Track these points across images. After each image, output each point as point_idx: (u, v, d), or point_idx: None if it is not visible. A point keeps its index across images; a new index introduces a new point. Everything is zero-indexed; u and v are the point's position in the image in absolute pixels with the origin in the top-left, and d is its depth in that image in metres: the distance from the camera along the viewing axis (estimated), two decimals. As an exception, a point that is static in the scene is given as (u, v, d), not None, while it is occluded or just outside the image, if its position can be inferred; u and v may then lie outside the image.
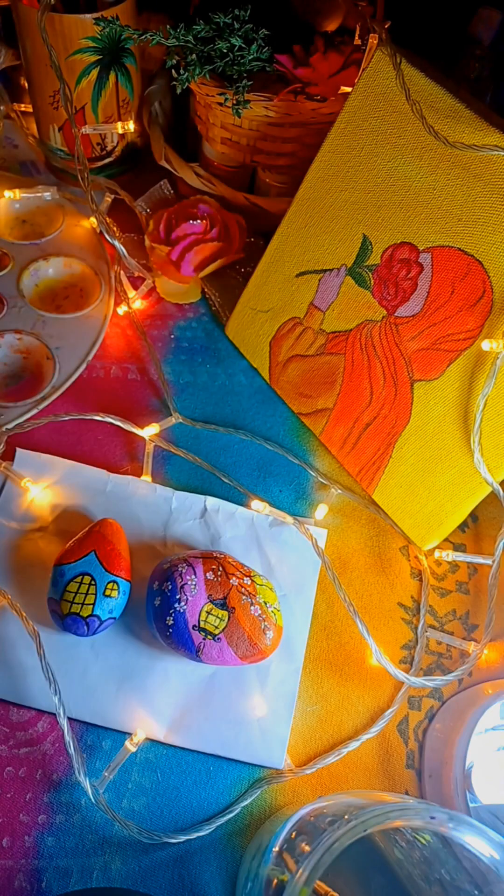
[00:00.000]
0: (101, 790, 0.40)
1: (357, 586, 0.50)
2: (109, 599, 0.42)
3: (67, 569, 0.42)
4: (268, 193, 0.64)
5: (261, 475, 0.54)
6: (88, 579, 0.41)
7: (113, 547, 0.44)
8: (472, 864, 0.33)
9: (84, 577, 0.42)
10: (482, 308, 0.44)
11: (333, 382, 0.53)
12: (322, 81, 0.57)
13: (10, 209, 0.65)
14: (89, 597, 0.41)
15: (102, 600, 0.41)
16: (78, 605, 0.41)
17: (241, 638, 0.41)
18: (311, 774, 0.43)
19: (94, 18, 0.54)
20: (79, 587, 0.41)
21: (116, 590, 0.42)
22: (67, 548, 0.44)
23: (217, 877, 0.40)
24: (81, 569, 0.42)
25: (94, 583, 0.41)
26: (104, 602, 0.41)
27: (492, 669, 0.48)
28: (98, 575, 0.42)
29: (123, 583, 0.43)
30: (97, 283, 0.61)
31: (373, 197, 0.47)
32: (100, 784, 0.40)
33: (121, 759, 0.41)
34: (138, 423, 0.54)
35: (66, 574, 0.42)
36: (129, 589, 0.44)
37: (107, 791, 0.41)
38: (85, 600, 0.41)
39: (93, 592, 0.41)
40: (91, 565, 0.42)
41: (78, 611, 0.41)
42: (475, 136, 0.41)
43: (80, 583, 0.41)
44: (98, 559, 0.42)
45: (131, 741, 0.41)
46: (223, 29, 0.53)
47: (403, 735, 0.46)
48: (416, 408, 0.49)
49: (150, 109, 0.66)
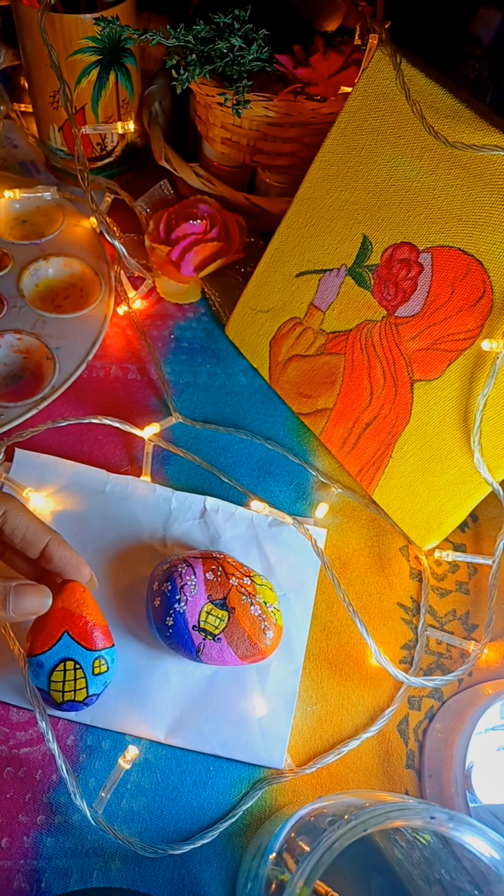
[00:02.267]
0: (99, 811, 0.39)
1: (357, 586, 0.50)
2: (100, 676, 0.39)
3: (45, 658, 0.39)
4: (268, 193, 0.64)
5: (261, 475, 0.54)
6: (72, 664, 0.38)
7: (84, 621, 0.39)
8: (472, 864, 0.33)
9: (66, 663, 0.38)
10: (482, 308, 0.44)
11: (333, 382, 0.53)
12: (322, 81, 0.57)
13: (10, 209, 0.65)
14: (79, 681, 0.38)
15: (93, 679, 0.39)
16: (70, 692, 0.38)
17: (241, 638, 0.41)
18: (311, 774, 0.43)
19: (94, 18, 0.54)
20: (64, 675, 0.38)
21: (105, 663, 0.39)
22: (35, 633, 0.39)
23: (217, 877, 0.40)
24: (60, 655, 0.38)
25: (79, 666, 0.39)
26: (96, 680, 0.39)
27: (492, 669, 0.48)
28: (80, 656, 0.39)
29: (109, 652, 0.40)
30: (97, 283, 0.61)
31: (373, 197, 0.47)
32: (98, 805, 0.40)
33: (116, 777, 0.41)
34: (138, 423, 0.54)
35: (45, 664, 0.38)
36: (116, 652, 0.41)
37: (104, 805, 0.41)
38: (76, 686, 0.38)
39: (81, 676, 0.38)
40: (69, 648, 0.39)
41: (72, 698, 0.38)
42: (475, 136, 0.41)
43: (64, 670, 0.38)
44: (74, 639, 0.39)
45: (124, 758, 0.41)
46: (223, 29, 0.53)
47: (403, 735, 0.46)
48: (416, 408, 0.49)
49: (150, 109, 0.66)
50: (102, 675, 0.39)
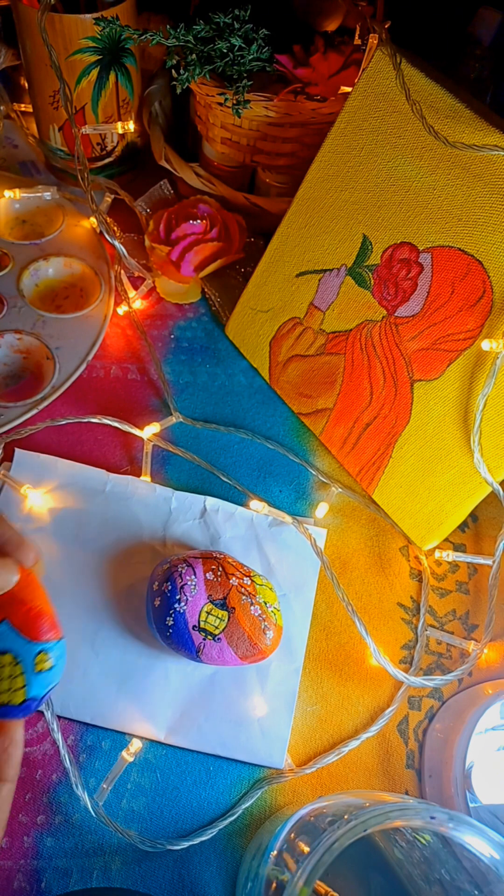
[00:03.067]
0: (100, 803, 0.40)
1: (357, 586, 0.50)
2: (42, 674, 0.31)
3: None
4: (268, 193, 0.64)
5: (261, 475, 0.54)
6: (10, 659, 0.31)
7: (28, 607, 0.32)
8: (472, 864, 0.33)
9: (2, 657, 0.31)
10: (482, 308, 0.44)
11: (333, 382, 0.53)
12: (322, 81, 0.57)
13: (10, 209, 0.65)
14: (17, 680, 0.31)
15: (35, 678, 0.31)
16: (6, 692, 0.31)
17: (241, 638, 0.41)
18: (311, 774, 0.43)
19: (94, 18, 0.54)
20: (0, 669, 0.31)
21: (49, 659, 0.31)
22: None
23: (217, 877, 0.40)
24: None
25: (17, 661, 0.31)
26: (38, 679, 0.31)
27: (492, 669, 0.48)
28: (20, 649, 0.31)
29: (55, 645, 0.32)
30: (97, 283, 0.61)
31: (373, 197, 0.47)
32: (99, 797, 0.40)
33: (118, 770, 0.41)
34: (138, 422, 0.54)
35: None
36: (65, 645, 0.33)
37: (106, 797, 0.41)
38: (13, 685, 0.31)
39: (20, 673, 0.31)
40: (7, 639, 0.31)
41: (7, 700, 0.31)
42: (475, 136, 0.41)
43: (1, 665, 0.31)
44: (14, 628, 0.32)
45: (128, 751, 0.41)
46: (223, 29, 0.53)
47: (403, 735, 0.46)
48: (416, 408, 0.49)
49: (150, 109, 0.66)
50: (45, 672, 0.31)
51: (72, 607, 0.46)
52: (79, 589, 0.46)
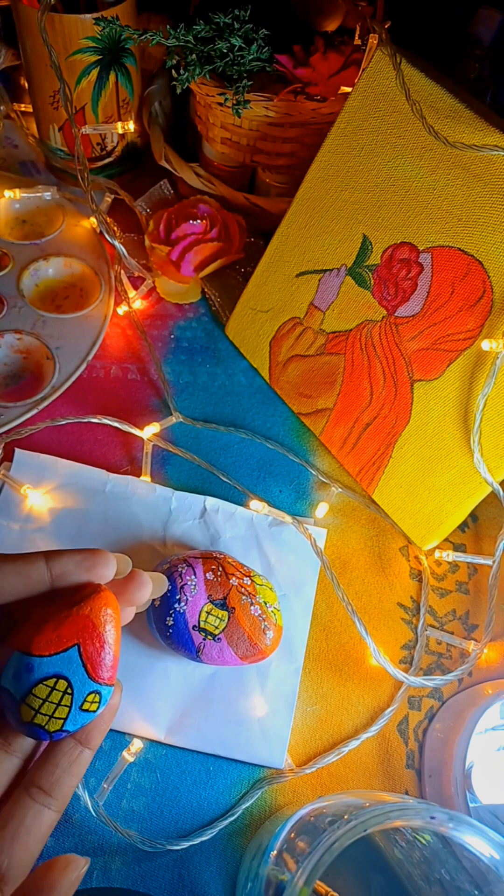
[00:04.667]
0: (100, 802, 0.40)
1: (357, 586, 0.50)
2: (85, 714, 0.29)
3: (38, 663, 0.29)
4: (268, 193, 0.64)
5: (261, 475, 0.54)
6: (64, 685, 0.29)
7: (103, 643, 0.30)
8: (472, 864, 0.33)
9: (59, 682, 0.29)
10: (482, 308, 0.44)
11: (333, 382, 0.53)
12: (322, 81, 0.57)
13: (10, 209, 0.65)
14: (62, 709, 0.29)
15: (78, 715, 0.29)
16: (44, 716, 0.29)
17: (241, 638, 0.41)
18: (311, 774, 0.43)
19: (94, 18, 0.54)
20: (49, 694, 0.29)
21: (97, 703, 0.30)
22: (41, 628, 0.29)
23: (217, 877, 0.40)
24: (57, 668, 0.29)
25: (70, 692, 0.29)
26: (79, 716, 0.29)
27: (492, 669, 0.48)
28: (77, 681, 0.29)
29: (107, 690, 0.30)
30: (97, 283, 0.61)
31: (373, 197, 0.47)
32: (99, 796, 0.40)
33: (119, 770, 0.41)
34: (138, 422, 0.54)
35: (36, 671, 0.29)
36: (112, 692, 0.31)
37: (106, 796, 0.41)
38: (55, 713, 0.29)
39: (67, 704, 0.29)
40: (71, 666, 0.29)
41: (43, 723, 0.29)
42: (475, 136, 0.41)
43: (53, 688, 0.29)
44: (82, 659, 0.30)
45: (128, 751, 0.41)
46: (223, 29, 0.53)
47: (403, 735, 0.46)
48: (416, 408, 0.49)
49: (150, 109, 0.66)
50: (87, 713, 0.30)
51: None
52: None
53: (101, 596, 0.31)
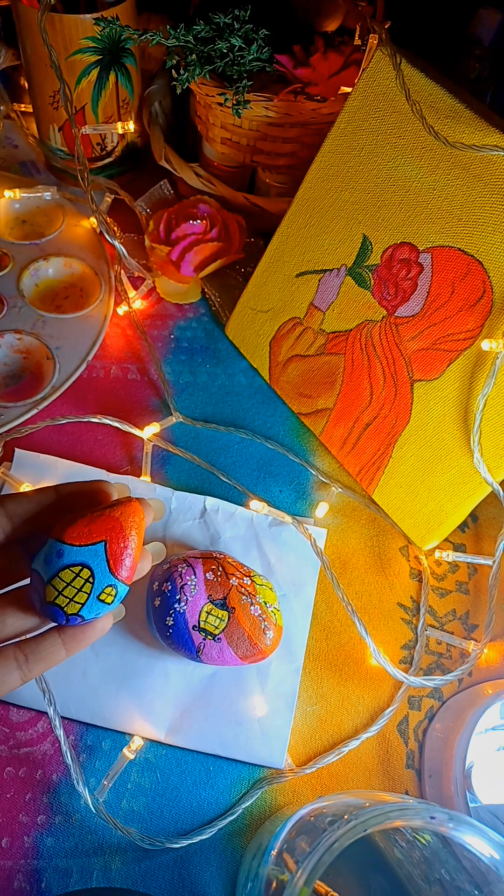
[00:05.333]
0: (100, 799, 0.40)
1: (357, 586, 0.50)
2: (101, 604, 0.35)
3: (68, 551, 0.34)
4: (268, 193, 0.64)
5: (261, 475, 0.54)
6: (87, 574, 0.34)
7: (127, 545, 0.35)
8: (472, 864, 0.33)
9: (83, 570, 0.34)
10: (482, 308, 0.44)
11: (333, 382, 0.53)
12: (322, 81, 0.57)
13: (10, 209, 0.65)
14: (81, 594, 0.34)
15: (94, 603, 0.34)
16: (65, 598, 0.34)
17: (241, 638, 0.41)
18: (311, 774, 0.43)
19: (94, 18, 0.54)
20: (74, 579, 0.34)
21: (114, 596, 0.35)
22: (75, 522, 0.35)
23: (217, 877, 0.40)
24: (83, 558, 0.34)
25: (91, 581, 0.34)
26: (95, 605, 0.34)
27: (492, 669, 0.48)
28: (99, 573, 0.34)
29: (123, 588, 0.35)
30: (97, 283, 0.61)
31: (373, 197, 0.47)
32: (99, 793, 0.40)
33: (119, 767, 0.41)
34: (138, 422, 0.54)
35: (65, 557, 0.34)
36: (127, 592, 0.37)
37: (106, 794, 0.41)
38: (75, 597, 0.34)
39: (87, 591, 0.34)
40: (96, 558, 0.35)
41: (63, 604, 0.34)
42: (475, 136, 0.41)
43: (77, 575, 0.34)
44: (106, 554, 0.35)
45: (129, 748, 0.41)
46: (223, 29, 0.53)
47: (403, 735, 0.46)
48: (416, 408, 0.49)
49: (150, 109, 0.66)
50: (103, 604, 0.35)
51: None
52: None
53: (132, 505, 0.36)
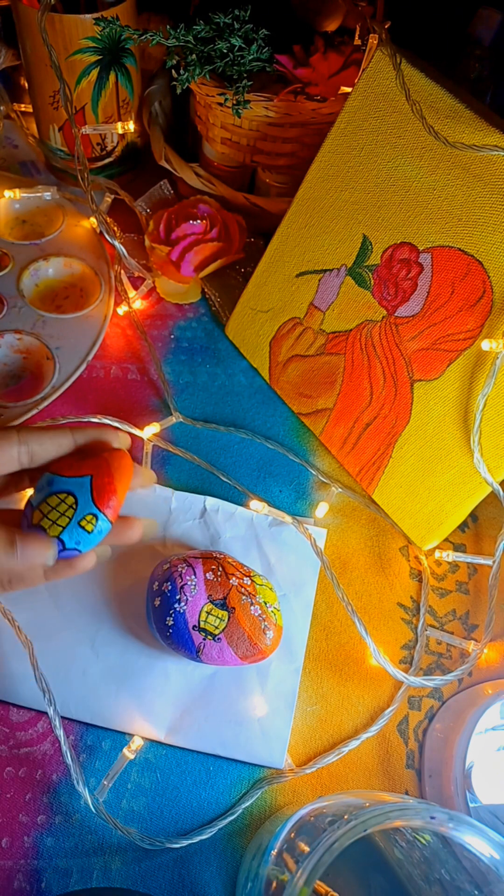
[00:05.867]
0: (100, 799, 0.40)
1: (357, 586, 0.50)
2: (81, 531, 0.37)
3: (56, 480, 0.38)
4: (268, 193, 0.64)
5: (261, 475, 0.54)
6: (71, 500, 0.37)
7: (111, 481, 0.39)
8: (472, 864, 0.33)
9: (68, 497, 0.37)
10: (482, 308, 0.44)
11: (333, 382, 0.53)
12: (322, 81, 0.57)
13: (10, 209, 0.65)
14: (63, 518, 0.37)
15: (74, 528, 0.37)
16: (49, 521, 0.37)
17: (241, 638, 0.41)
18: (311, 774, 0.43)
19: (94, 18, 0.54)
20: (58, 504, 0.37)
21: (93, 524, 0.37)
22: (68, 460, 0.39)
23: (217, 877, 0.40)
24: (69, 487, 0.37)
25: (74, 507, 0.37)
26: (75, 531, 0.37)
27: (492, 669, 0.48)
28: (82, 501, 0.37)
29: (104, 521, 0.38)
30: (97, 283, 0.61)
31: (373, 197, 0.47)
32: (99, 793, 0.40)
33: (119, 767, 0.41)
34: (138, 422, 0.54)
35: (53, 485, 0.38)
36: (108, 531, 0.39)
37: (106, 794, 0.41)
38: (58, 520, 0.37)
39: (69, 515, 0.37)
40: (81, 489, 0.38)
41: (46, 526, 0.37)
42: (475, 136, 0.41)
43: (62, 501, 0.37)
44: (91, 486, 0.38)
45: (129, 748, 0.41)
46: (223, 29, 0.53)
47: (403, 735, 0.46)
48: (416, 408, 0.49)
49: (150, 109, 0.66)
50: (84, 532, 0.37)
51: (72, 607, 0.46)
52: (79, 589, 0.46)
53: (120, 452, 0.40)
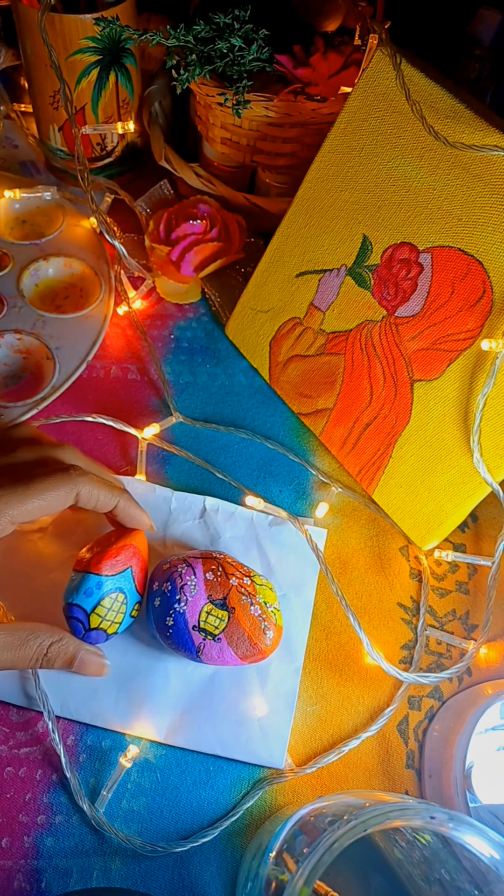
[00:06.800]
0: (100, 810, 0.40)
1: (357, 586, 0.50)
2: (131, 619, 0.42)
3: (105, 581, 0.40)
4: (268, 193, 0.64)
5: (261, 475, 0.54)
6: (122, 598, 0.40)
7: (145, 566, 0.43)
8: (472, 864, 0.33)
9: (119, 595, 0.40)
10: (482, 308, 0.44)
11: (333, 382, 0.53)
12: (322, 81, 0.57)
13: (10, 209, 0.65)
14: (119, 615, 0.40)
15: (128, 620, 0.41)
16: (108, 622, 0.40)
17: (241, 638, 0.41)
18: (311, 774, 0.43)
19: (94, 18, 0.54)
20: (113, 604, 0.40)
21: (139, 610, 0.42)
22: (102, 555, 0.40)
23: (217, 877, 0.40)
24: (119, 585, 0.40)
25: (126, 602, 0.41)
26: (128, 621, 0.41)
27: (491, 669, 0.48)
28: (130, 594, 0.41)
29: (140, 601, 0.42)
30: (97, 283, 0.61)
31: (373, 197, 0.47)
32: (99, 804, 0.40)
33: (118, 776, 0.41)
34: (138, 422, 0.54)
35: (104, 587, 0.40)
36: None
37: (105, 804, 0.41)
38: (115, 619, 0.40)
39: (123, 612, 0.40)
40: (127, 583, 0.41)
41: (107, 628, 0.40)
42: (475, 136, 0.41)
43: (115, 600, 0.40)
44: (133, 578, 0.41)
45: (125, 756, 0.41)
46: (223, 29, 0.53)
47: (403, 735, 0.46)
48: (416, 408, 0.49)
49: (150, 109, 0.66)
50: (132, 618, 0.42)
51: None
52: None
53: (139, 533, 0.43)
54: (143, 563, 0.42)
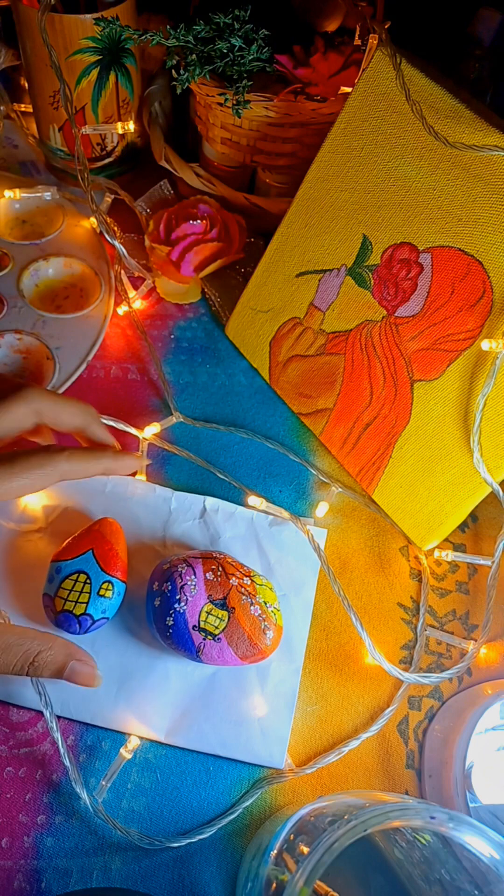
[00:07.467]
0: (99, 800, 0.40)
1: (357, 586, 0.50)
2: (103, 599, 0.41)
3: (64, 565, 0.42)
4: (268, 193, 0.64)
5: (261, 475, 0.54)
6: (84, 577, 0.41)
7: (111, 547, 0.43)
8: (472, 864, 0.33)
9: (80, 576, 0.41)
10: (482, 308, 0.44)
11: (333, 382, 0.53)
12: (322, 81, 0.57)
13: (10, 209, 0.65)
14: (83, 595, 0.41)
15: (96, 600, 0.41)
16: (72, 602, 0.40)
17: (241, 638, 0.41)
18: (311, 774, 0.43)
19: (94, 18, 0.54)
20: (74, 585, 0.41)
21: (111, 590, 0.42)
22: (66, 545, 0.43)
23: (217, 877, 0.40)
24: (77, 566, 0.42)
25: (88, 581, 0.41)
26: (98, 601, 0.41)
27: (491, 669, 0.48)
28: (94, 574, 0.42)
29: (118, 583, 0.43)
30: (97, 283, 0.61)
31: (373, 197, 0.47)
32: (98, 794, 0.40)
33: (117, 767, 0.41)
34: (139, 422, 0.54)
35: (62, 571, 0.42)
36: (125, 590, 0.44)
37: (106, 794, 0.41)
38: (79, 598, 0.41)
39: (87, 591, 0.41)
40: (87, 563, 0.42)
41: (71, 608, 0.40)
42: (475, 136, 0.41)
43: (76, 580, 0.41)
44: (95, 558, 0.42)
45: (126, 748, 0.41)
46: (223, 29, 0.53)
47: (403, 735, 0.46)
48: (416, 408, 0.49)
49: (150, 109, 0.66)
50: (105, 599, 0.41)
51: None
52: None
53: (106, 520, 0.45)
54: (109, 545, 0.43)
